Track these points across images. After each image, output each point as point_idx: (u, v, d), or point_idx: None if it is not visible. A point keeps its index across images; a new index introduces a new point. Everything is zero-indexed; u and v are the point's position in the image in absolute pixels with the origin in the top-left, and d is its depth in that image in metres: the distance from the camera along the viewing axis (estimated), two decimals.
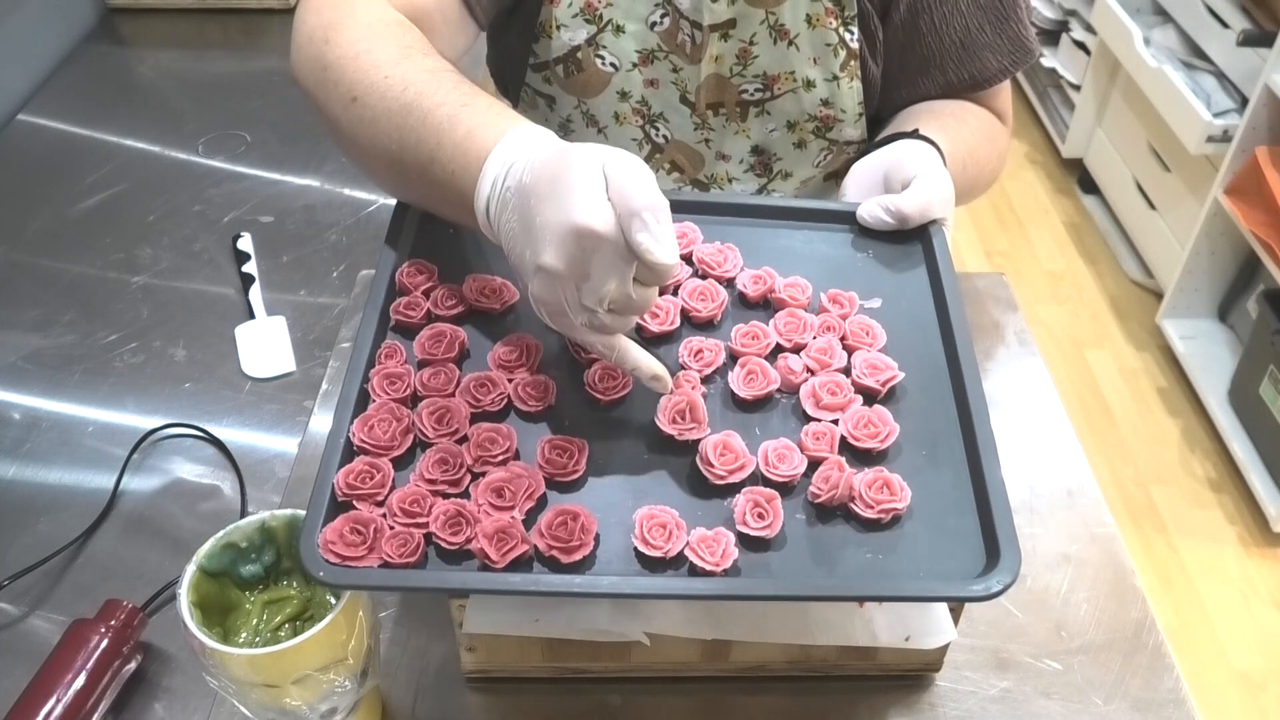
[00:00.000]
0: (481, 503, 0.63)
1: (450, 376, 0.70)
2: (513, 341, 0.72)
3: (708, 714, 0.75)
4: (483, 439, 0.66)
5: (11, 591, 0.86)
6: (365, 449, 0.65)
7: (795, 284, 0.77)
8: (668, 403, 0.68)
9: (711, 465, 0.65)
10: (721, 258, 0.79)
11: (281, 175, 1.38)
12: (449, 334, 0.72)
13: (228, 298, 1.18)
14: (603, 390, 0.70)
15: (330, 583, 0.60)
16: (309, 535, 0.60)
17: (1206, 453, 2.27)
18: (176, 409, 1.03)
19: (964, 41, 0.95)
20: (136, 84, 1.62)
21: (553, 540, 0.61)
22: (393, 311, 0.74)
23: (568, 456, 0.66)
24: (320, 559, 0.60)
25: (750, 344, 0.73)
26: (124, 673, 0.78)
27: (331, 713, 0.64)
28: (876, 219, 0.81)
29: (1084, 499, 0.89)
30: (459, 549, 0.61)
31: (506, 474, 0.64)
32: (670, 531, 0.62)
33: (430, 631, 0.78)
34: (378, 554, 0.60)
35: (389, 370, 0.69)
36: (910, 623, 0.70)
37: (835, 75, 0.95)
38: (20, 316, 1.15)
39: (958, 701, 0.75)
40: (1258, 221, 2.09)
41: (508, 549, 0.60)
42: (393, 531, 0.61)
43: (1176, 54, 2.46)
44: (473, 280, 0.75)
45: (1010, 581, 0.60)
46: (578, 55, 0.95)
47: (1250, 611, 1.98)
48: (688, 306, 0.75)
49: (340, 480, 0.63)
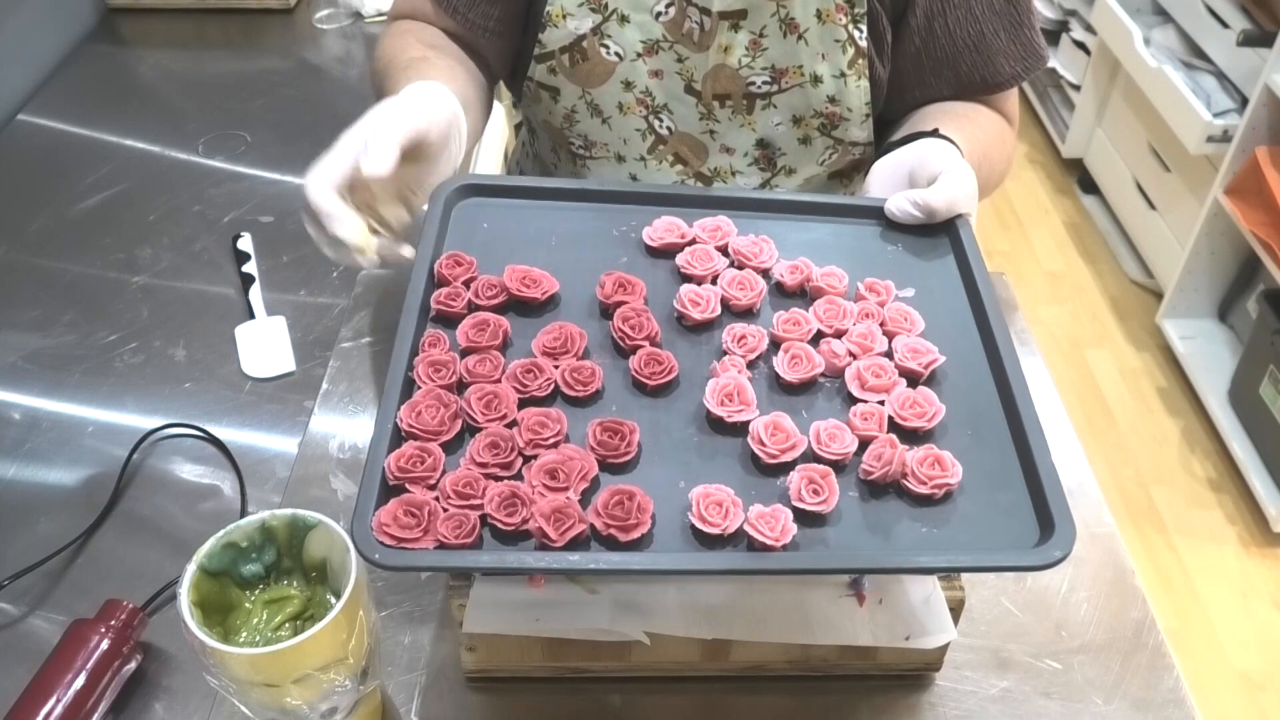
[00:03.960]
0: (535, 484, 0.63)
1: (496, 363, 0.70)
2: (555, 330, 0.73)
3: (708, 713, 0.75)
4: (533, 423, 0.66)
5: (11, 591, 0.86)
6: (414, 434, 0.65)
7: (832, 273, 0.79)
8: (715, 386, 0.69)
9: (764, 444, 0.66)
10: (757, 249, 0.80)
11: (281, 175, 1.38)
12: (492, 322, 0.73)
13: (228, 298, 1.18)
14: (649, 375, 0.70)
15: (387, 565, 0.59)
16: (361, 519, 0.60)
17: (1206, 453, 2.27)
18: (176, 409, 1.03)
19: (978, 45, 0.96)
20: (136, 84, 1.62)
21: (610, 519, 0.61)
22: (434, 302, 0.74)
23: (619, 438, 0.66)
24: (375, 542, 0.60)
25: (792, 330, 0.74)
26: (124, 673, 0.78)
27: (332, 712, 0.64)
28: (905, 213, 0.83)
29: (1084, 499, 0.89)
30: (515, 530, 0.61)
31: (559, 456, 0.64)
32: (727, 509, 0.62)
33: (430, 631, 0.78)
34: (433, 536, 0.60)
35: (434, 358, 0.70)
36: (910, 622, 0.70)
37: (843, 72, 0.96)
38: (20, 316, 1.15)
39: (958, 701, 0.75)
40: (1258, 221, 2.09)
41: (566, 528, 0.60)
42: (447, 514, 0.61)
43: (1176, 54, 2.46)
44: (512, 270, 0.76)
45: (1068, 551, 0.61)
46: (582, 44, 0.96)
47: (1250, 611, 1.98)
48: (727, 295, 0.76)
49: (391, 464, 0.63)
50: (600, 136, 1.03)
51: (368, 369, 0.98)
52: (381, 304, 1.05)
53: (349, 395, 0.96)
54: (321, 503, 0.86)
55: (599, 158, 1.05)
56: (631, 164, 1.04)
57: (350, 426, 0.93)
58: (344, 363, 0.99)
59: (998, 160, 0.99)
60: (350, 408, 0.95)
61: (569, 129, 1.03)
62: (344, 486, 0.88)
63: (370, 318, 1.04)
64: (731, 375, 0.70)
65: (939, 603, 0.70)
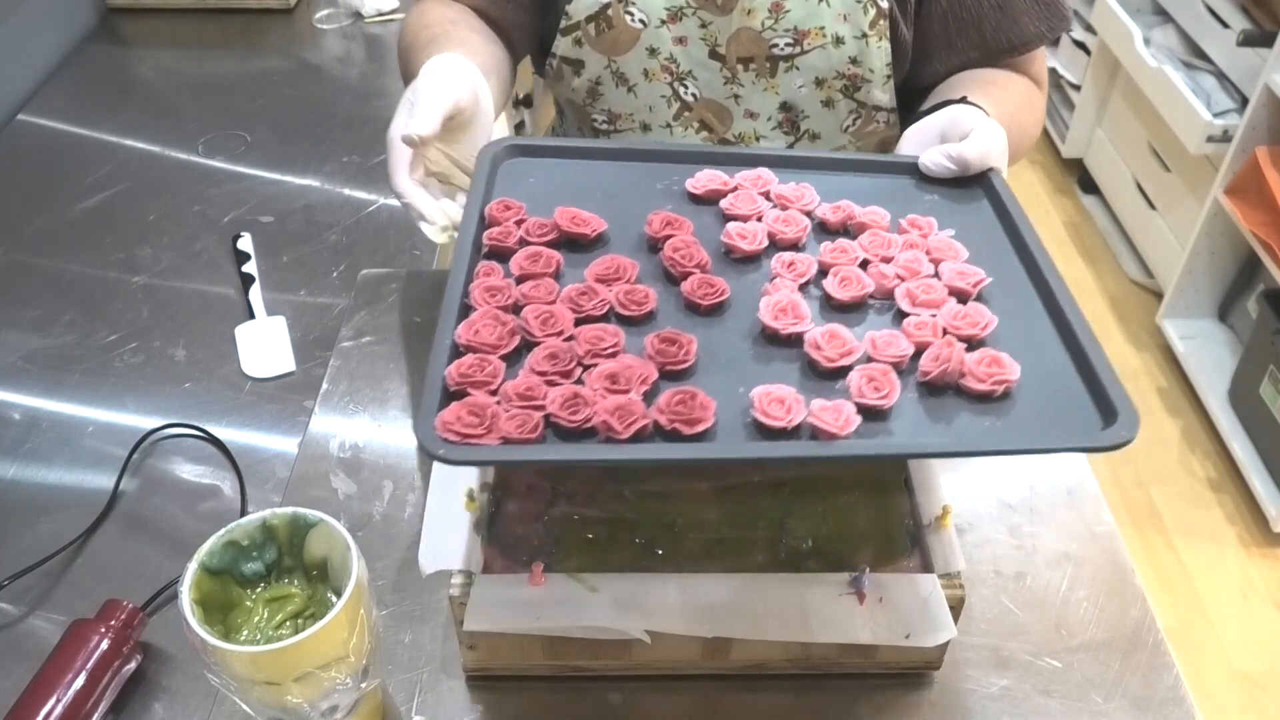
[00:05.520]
0: (597, 388, 0.63)
1: (550, 289, 0.71)
2: (607, 261, 0.74)
3: (708, 712, 0.75)
4: (590, 335, 0.67)
5: (11, 591, 0.86)
6: (473, 348, 0.66)
7: (874, 211, 0.80)
8: (769, 302, 0.70)
9: (821, 349, 0.66)
10: (799, 194, 0.81)
11: (281, 175, 1.39)
12: (544, 254, 0.74)
13: (228, 298, 1.18)
14: (701, 296, 0.71)
15: (452, 459, 0.59)
16: (425, 419, 0.60)
17: (1206, 453, 2.27)
18: (176, 409, 1.03)
19: (1001, 5, 0.99)
20: (136, 84, 1.62)
21: (673, 415, 0.61)
22: (486, 238, 0.75)
23: (677, 347, 0.66)
24: (439, 439, 0.59)
25: (840, 257, 0.75)
26: (124, 673, 0.78)
27: (332, 710, 0.64)
28: (939, 165, 0.85)
29: (1084, 498, 0.89)
30: (578, 427, 0.61)
31: (618, 364, 0.65)
32: (790, 404, 0.62)
33: (431, 630, 0.78)
34: (496, 434, 0.60)
35: (489, 283, 0.70)
36: (910, 620, 0.70)
37: (864, 33, 0.98)
38: (20, 316, 1.15)
39: (957, 699, 0.75)
40: (1258, 221, 2.09)
41: (630, 421, 0.61)
42: (509, 414, 0.61)
43: (1176, 54, 2.47)
44: (562, 211, 0.77)
45: (1133, 434, 0.63)
46: (608, 12, 0.99)
47: (1250, 611, 1.98)
48: (773, 230, 0.78)
49: (453, 372, 0.63)
50: (625, 107, 1.05)
51: (368, 369, 0.98)
52: (382, 304, 1.05)
53: (349, 395, 0.96)
54: (322, 502, 0.86)
55: (623, 130, 1.07)
56: (657, 132, 1.06)
57: (350, 426, 0.93)
58: (344, 363, 0.99)
59: (1028, 124, 1.02)
60: (350, 408, 0.95)
61: (592, 104, 1.06)
62: (344, 486, 0.88)
63: (370, 318, 1.04)
64: (785, 292, 0.71)
65: (939, 601, 0.70)
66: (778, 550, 0.73)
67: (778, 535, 0.74)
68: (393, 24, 1.76)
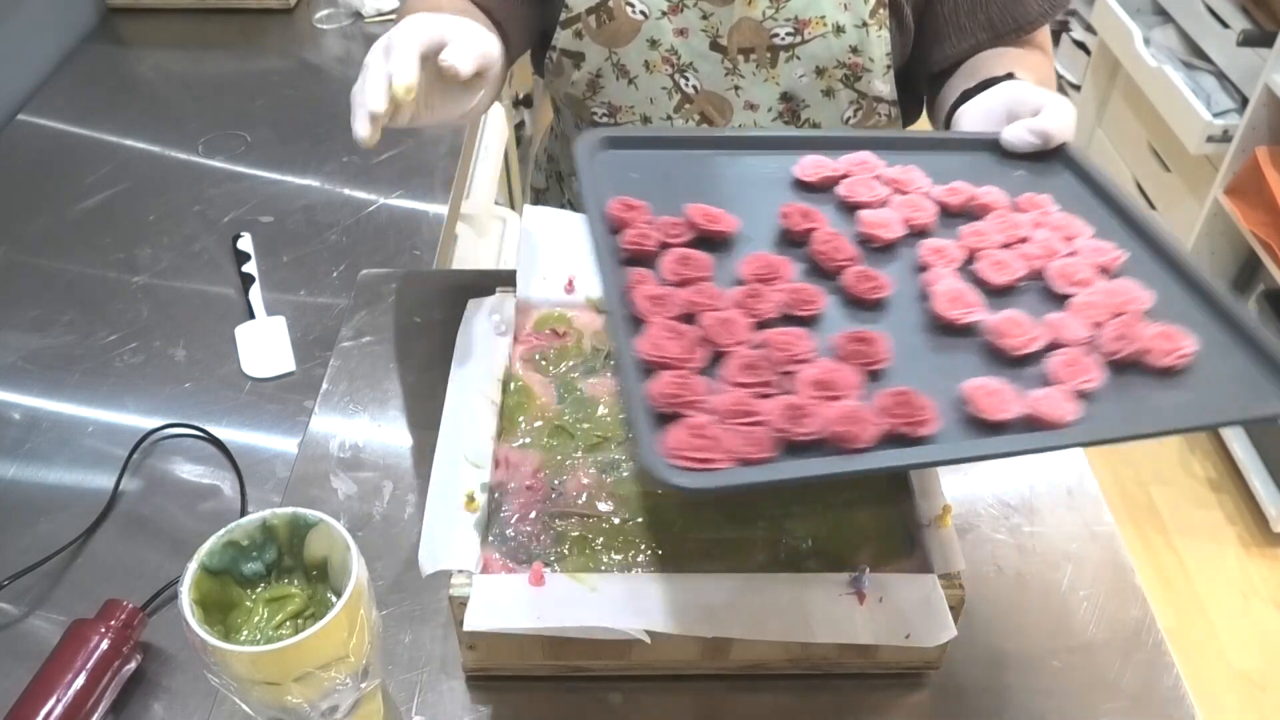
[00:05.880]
0: (808, 396, 0.62)
1: (713, 293, 0.68)
2: (759, 260, 0.72)
3: (708, 712, 0.75)
4: (779, 341, 0.65)
5: (11, 591, 0.86)
6: (665, 364, 0.63)
7: (990, 192, 0.80)
8: (939, 291, 0.70)
9: (1006, 336, 0.66)
10: (909, 176, 0.82)
11: (281, 175, 1.39)
12: (693, 256, 0.71)
13: (228, 298, 1.18)
14: (867, 290, 0.70)
15: (697, 487, 0.56)
16: (648, 451, 0.57)
17: (1206, 453, 2.27)
18: (176, 409, 1.03)
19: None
20: (136, 84, 1.62)
21: (897, 417, 0.60)
22: (624, 244, 0.72)
23: (870, 345, 0.65)
24: (672, 469, 0.56)
25: (981, 240, 0.75)
26: (124, 673, 0.78)
27: (332, 710, 0.64)
28: (1023, 140, 0.86)
29: (1084, 498, 0.89)
30: (806, 441, 0.59)
31: (818, 369, 0.63)
32: (1005, 396, 0.62)
33: (431, 630, 0.78)
34: (729, 455, 0.58)
35: (651, 292, 0.67)
36: (910, 620, 0.70)
37: (864, 22, 0.99)
38: (20, 316, 1.15)
39: (958, 699, 0.75)
40: (1258, 221, 2.09)
41: (864, 429, 0.59)
42: (734, 433, 0.59)
43: (1176, 54, 2.47)
44: (693, 208, 0.75)
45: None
46: (608, 4, 0.99)
47: (1250, 611, 1.98)
48: (908, 217, 0.77)
49: (656, 393, 0.60)
50: (625, 99, 1.05)
51: (368, 369, 0.98)
52: (382, 304, 1.05)
53: (349, 395, 0.96)
54: (322, 502, 0.86)
55: (623, 123, 1.07)
56: (657, 124, 1.06)
57: (350, 426, 0.93)
58: (344, 363, 0.99)
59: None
60: (350, 407, 0.95)
61: (592, 97, 1.05)
62: (344, 486, 0.88)
63: (370, 318, 1.04)
64: (950, 280, 0.71)
65: (939, 601, 0.70)
66: (778, 550, 0.73)
67: (778, 535, 0.74)
68: (393, 24, 1.76)
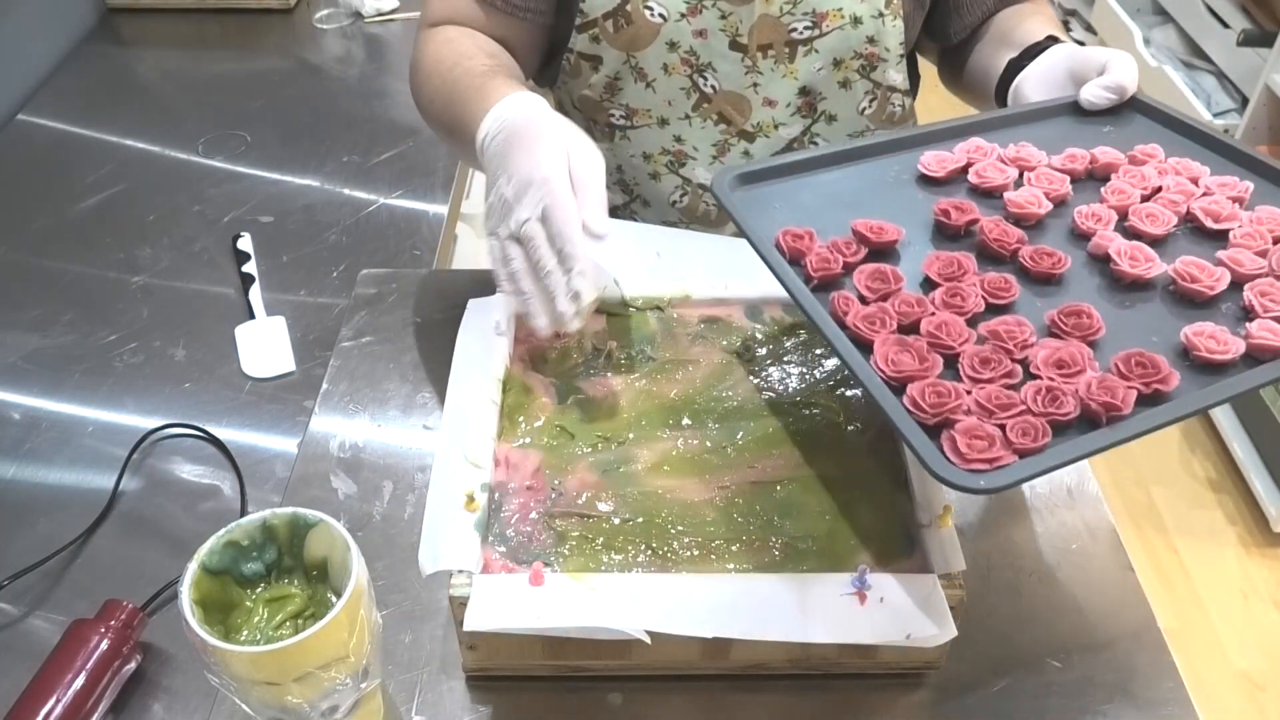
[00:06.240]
0: (1054, 378, 0.65)
1: (914, 300, 0.72)
2: (940, 258, 0.75)
3: (708, 712, 0.75)
4: (1003, 331, 0.69)
5: (11, 591, 0.86)
6: (909, 378, 0.66)
7: (1106, 151, 0.84)
8: (1117, 250, 0.74)
9: (1195, 280, 0.71)
10: (1026, 153, 0.85)
11: (281, 175, 1.39)
12: (883, 270, 0.74)
13: (228, 298, 1.18)
14: (1048, 266, 0.74)
15: (997, 487, 0.60)
16: (938, 463, 0.61)
17: (1206, 453, 2.27)
18: (176, 409, 1.03)
19: None
20: (136, 84, 1.62)
21: (1145, 378, 0.64)
22: (812, 270, 0.75)
23: (1083, 317, 0.70)
24: (968, 474, 0.60)
25: (1123, 199, 0.80)
26: (124, 673, 0.78)
27: (332, 710, 0.64)
28: (1101, 97, 0.91)
29: (1084, 498, 0.89)
30: (1067, 420, 0.63)
31: (1049, 350, 0.67)
32: (1224, 338, 0.67)
33: (431, 630, 0.78)
34: (1012, 450, 0.61)
35: (864, 313, 0.71)
36: (911, 621, 0.70)
37: (881, 12, 1.00)
38: (20, 316, 1.15)
39: (958, 699, 0.75)
40: None
41: (1122, 395, 0.63)
42: (1010, 426, 0.62)
43: (1176, 54, 2.47)
44: (857, 224, 0.78)
45: None
46: (626, 8, 0.99)
47: (1250, 611, 1.98)
48: (1046, 190, 0.81)
49: (919, 404, 0.64)
50: (643, 102, 1.05)
51: (368, 369, 0.98)
52: (381, 304, 1.05)
53: (349, 395, 0.96)
54: (322, 502, 0.86)
55: (639, 126, 1.07)
56: (675, 125, 1.06)
57: (350, 426, 0.93)
58: (344, 363, 0.99)
59: None
60: (350, 407, 0.95)
61: (609, 99, 1.05)
62: (344, 486, 0.88)
63: (370, 318, 1.04)
64: (1120, 240, 0.75)
65: (939, 601, 0.70)
66: (778, 550, 0.73)
67: (778, 535, 0.74)
68: (393, 24, 1.76)
